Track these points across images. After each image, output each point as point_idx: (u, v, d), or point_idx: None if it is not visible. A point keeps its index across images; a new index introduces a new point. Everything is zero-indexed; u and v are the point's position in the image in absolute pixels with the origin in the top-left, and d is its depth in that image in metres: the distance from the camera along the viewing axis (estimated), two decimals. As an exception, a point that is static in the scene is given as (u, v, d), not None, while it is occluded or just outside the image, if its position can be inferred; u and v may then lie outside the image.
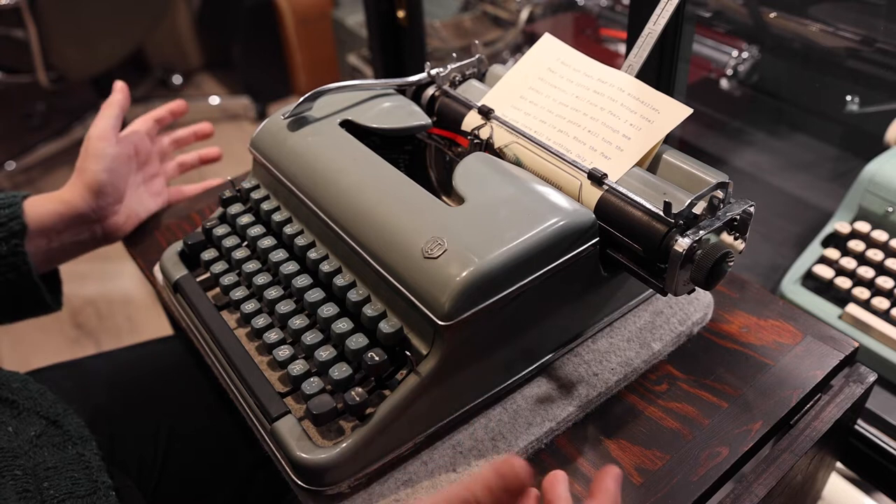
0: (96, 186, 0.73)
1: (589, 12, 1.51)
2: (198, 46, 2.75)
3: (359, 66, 1.98)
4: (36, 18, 1.81)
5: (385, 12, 1.16)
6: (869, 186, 0.91)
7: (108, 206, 0.75)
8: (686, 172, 0.58)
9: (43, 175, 2.32)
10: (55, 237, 0.72)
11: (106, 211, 0.75)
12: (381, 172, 0.59)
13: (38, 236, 0.71)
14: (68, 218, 0.72)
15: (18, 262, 0.68)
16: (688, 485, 0.53)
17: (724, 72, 1.24)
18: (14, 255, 0.68)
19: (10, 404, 0.61)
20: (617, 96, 0.61)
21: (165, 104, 0.86)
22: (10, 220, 0.68)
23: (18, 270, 0.69)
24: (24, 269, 0.69)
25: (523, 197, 0.54)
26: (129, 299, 1.87)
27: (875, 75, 1.03)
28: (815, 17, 1.06)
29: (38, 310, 0.74)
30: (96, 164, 0.73)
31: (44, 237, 0.71)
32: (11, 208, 0.69)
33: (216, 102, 2.55)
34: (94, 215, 0.74)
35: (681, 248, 0.51)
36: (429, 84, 0.72)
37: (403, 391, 0.50)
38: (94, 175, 0.73)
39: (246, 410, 0.56)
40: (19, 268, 0.69)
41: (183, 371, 0.81)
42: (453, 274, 0.48)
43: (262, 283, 0.59)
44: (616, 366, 0.60)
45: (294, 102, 0.65)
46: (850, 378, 0.63)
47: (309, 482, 0.51)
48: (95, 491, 0.58)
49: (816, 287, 0.91)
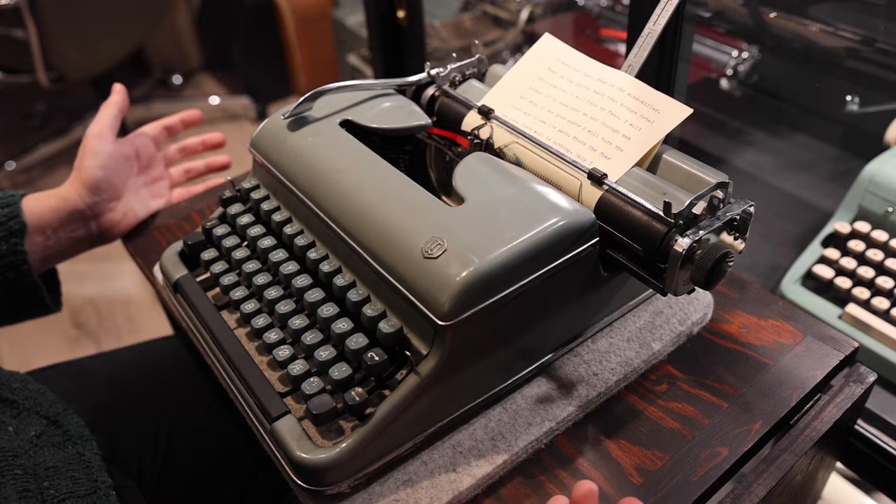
0: (91, 182, 0.73)
1: (589, 12, 1.51)
2: (198, 46, 2.75)
3: (359, 66, 1.98)
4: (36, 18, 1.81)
5: (385, 12, 1.16)
6: (869, 186, 0.91)
7: (103, 203, 0.75)
8: (686, 172, 0.58)
9: (43, 175, 2.32)
10: (52, 234, 0.73)
11: (101, 207, 0.75)
12: (381, 172, 0.59)
13: (36, 234, 0.71)
14: (64, 214, 0.73)
15: (18, 262, 0.69)
16: (688, 485, 0.53)
17: (724, 72, 1.24)
18: (13, 255, 0.68)
19: (10, 404, 0.61)
20: (617, 96, 0.61)
21: (178, 113, 0.86)
22: (10, 220, 0.68)
23: (18, 270, 0.69)
24: (23, 268, 0.69)
25: (523, 197, 0.54)
26: (129, 299, 1.87)
27: (875, 75, 1.03)
28: (815, 17, 1.06)
29: (38, 311, 0.74)
30: (92, 161, 0.74)
31: (41, 234, 0.71)
32: (10, 207, 0.69)
33: (216, 102, 2.55)
34: (90, 212, 0.74)
35: (681, 248, 0.51)
36: (429, 84, 0.72)
37: (403, 391, 0.50)
38: (89, 171, 0.74)
39: (246, 410, 0.56)
40: (18, 267, 0.69)
41: (183, 371, 0.81)
42: (453, 274, 0.48)
43: (261, 283, 0.59)
44: (616, 366, 0.60)
45: (294, 102, 0.65)
46: (850, 378, 0.63)
47: (309, 482, 0.51)
48: (96, 490, 0.58)
49: (816, 287, 0.91)
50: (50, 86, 1.97)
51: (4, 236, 0.68)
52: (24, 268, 0.69)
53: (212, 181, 0.89)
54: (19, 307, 0.73)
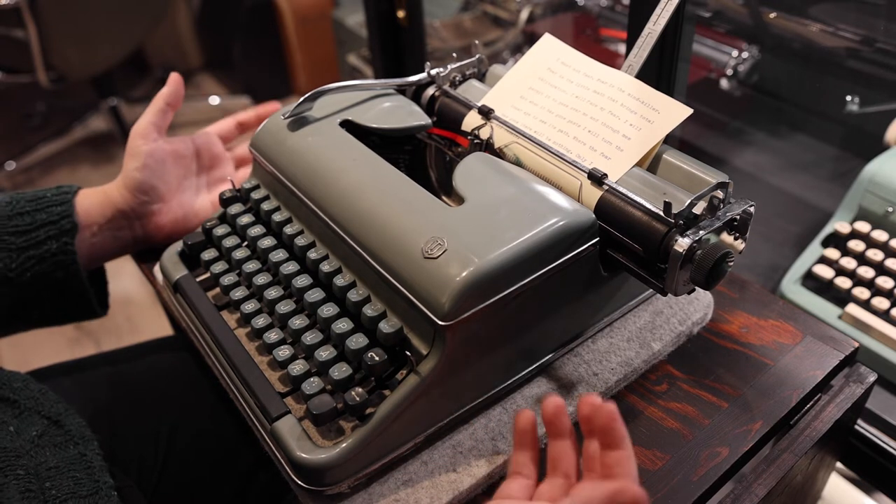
0: (132, 185, 0.72)
1: (589, 12, 1.51)
2: (198, 46, 2.76)
3: (359, 66, 1.98)
4: (36, 18, 1.81)
5: (385, 12, 1.16)
6: (869, 186, 0.91)
7: (147, 205, 0.73)
8: (686, 172, 0.58)
9: (43, 175, 2.32)
10: (98, 231, 0.71)
11: (144, 209, 0.73)
12: (381, 172, 0.59)
13: (84, 229, 0.70)
14: (109, 213, 0.72)
15: (68, 261, 0.68)
16: (688, 485, 0.53)
17: (724, 72, 1.24)
18: (64, 254, 0.68)
19: (11, 404, 0.61)
20: (617, 96, 0.61)
21: (255, 107, 0.82)
22: (62, 219, 0.68)
23: (67, 269, 0.68)
24: (72, 268, 0.68)
25: (523, 197, 0.54)
26: (129, 299, 1.87)
27: (875, 75, 1.03)
28: (815, 17, 1.06)
29: (84, 313, 0.73)
30: (130, 163, 0.72)
31: (88, 230, 0.71)
32: (64, 206, 0.68)
33: (216, 102, 2.55)
34: (133, 213, 0.73)
35: (681, 248, 0.51)
36: (429, 84, 0.72)
37: (403, 391, 0.50)
38: (128, 173, 0.72)
39: (246, 410, 0.56)
40: (68, 266, 0.68)
41: (183, 371, 0.81)
42: (453, 274, 0.48)
43: (262, 284, 0.60)
44: (616, 366, 0.60)
45: (294, 102, 0.65)
46: (850, 378, 0.63)
47: (309, 482, 0.51)
48: (97, 491, 0.58)
49: (816, 287, 0.91)
50: (50, 86, 1.97)
51: (55, 235, 0.67)
52: (74, 268, 0.68)
53: None
54: (66, 308, 0.72)
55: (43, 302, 0.70)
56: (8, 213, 0.68)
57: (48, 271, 0.68)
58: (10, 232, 0.67)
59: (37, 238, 0.67)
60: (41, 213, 0.68)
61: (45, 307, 0.71)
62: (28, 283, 0.68)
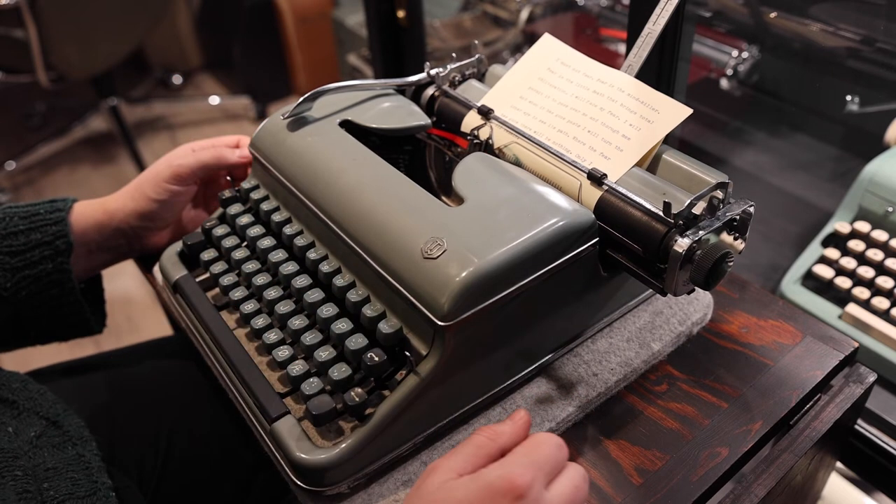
0: (143, 212, 0.71)
1: (589, 12, 1.51)
2: (198, 46, 2.75)
3: (359, 66, 1.98)
4: (36, 18, 1.81)
5: (385, 12, 1.16)
6: (869, 186, 0.91)
7: (150, 228, 0.73)
8: (686, 172, 0.58)
9: (43, 175, 2.32)
10: (95, 248, 0.71)
11: (147, 232, 0.73)
12: (381, 172, 0.59)
13: (79, 247, 0.70)
14: (108, 231, 0.71)
15: (63, 279, 0.68)
16: (688, 485, 0.53)
17: (724, 72, 1.24)
18: (59, 273, 0.67)
19: (10, 404, 0.61)
20: (616, 96, 0.61)
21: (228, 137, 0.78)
22: (57, 239, 0.67)
23: (62, 287, 0.68)
24: (67, 286, 0.68)
25: (523, 197, 0.54)
26: (129, 299, 1.86)
27: (875, 75, 1.03)
28: (815, 17, 1.06)
29: (80, 329, 0.73)
30: (153, 193, 0.71)
31: (83, 247, 0.70)
32: (58, 225, 0.67)
33: (216, 102, 2.55)
34: (132, 232, 0.72)
35: (680, 248, 0.51)
36: (428, 84, 0.72)
37: (403, 391, 0.50)
38: (145, 202, 0.71)
39: (245, 411, 0.56)
40: (63, 284, 0.68)
41: (183, 371, 0.81)
42: (453, 274, 0.48)
43: (261, 284, 0.59)
44: (616, 366, 0.60)
45: (294, 102, 0.65)
46: (849, 378, 0.63)
47: (309, 482, 0.51)
48: (95, 492, 0.57)
49: (816, 287, 0.91)
50: (50, 86, 1.97)
51: (50, 255, 0.67)
52: (69, 286, 0.68)
53: None
54: (63, 324, 0.72)
55: (39, 319, 0.70)
56: (1, 232, 0.67)
57: (43, 290, 0.68)
58: (3, 252, 0.66)
59: (31, 258, 0.67)
60: (35, 233, 0.67)
61: (42, 324, 0.71)
62: (23, 301, 0.67)
